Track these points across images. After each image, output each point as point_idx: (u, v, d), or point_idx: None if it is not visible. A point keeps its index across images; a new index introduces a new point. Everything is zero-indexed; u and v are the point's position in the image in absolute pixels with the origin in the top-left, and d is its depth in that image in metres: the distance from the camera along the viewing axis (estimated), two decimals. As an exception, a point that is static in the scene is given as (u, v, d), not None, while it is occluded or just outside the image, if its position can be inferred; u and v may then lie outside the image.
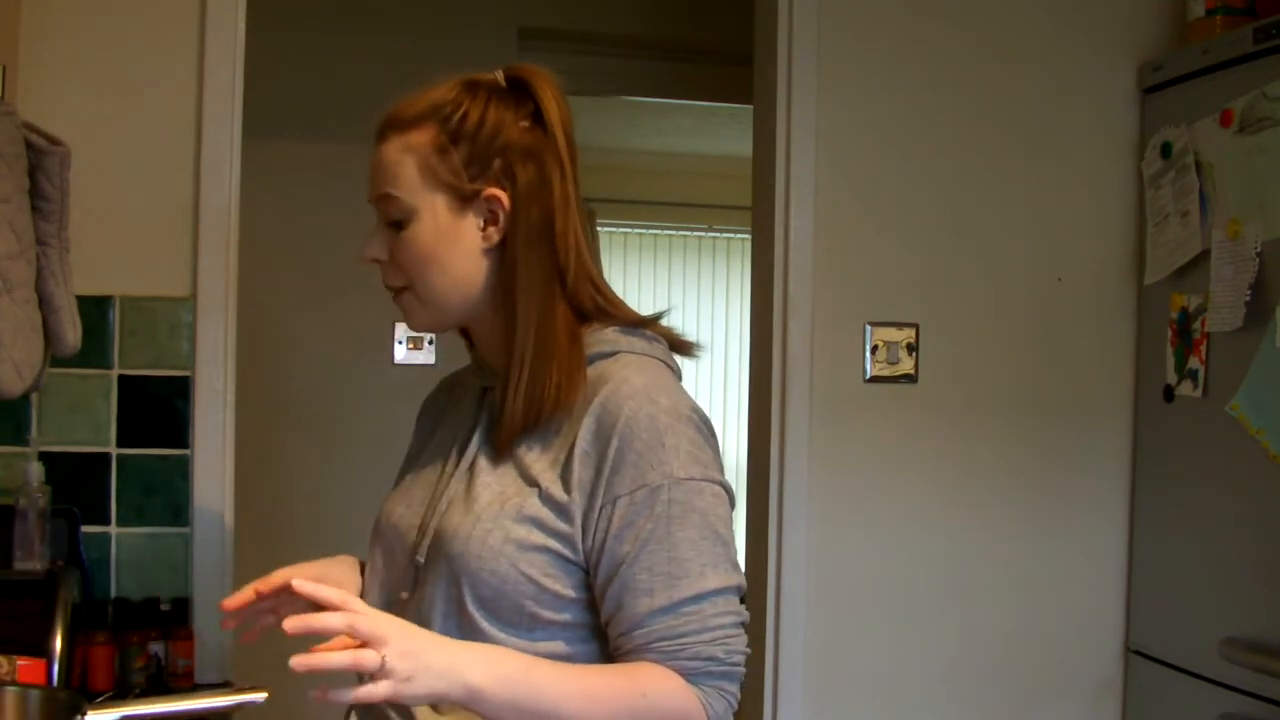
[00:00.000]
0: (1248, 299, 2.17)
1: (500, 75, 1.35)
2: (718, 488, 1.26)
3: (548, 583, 1.24)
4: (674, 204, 6.16)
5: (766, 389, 2.46)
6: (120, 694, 1.92)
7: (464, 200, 1.30)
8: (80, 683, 1.92)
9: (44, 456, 2.01)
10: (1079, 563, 2.56)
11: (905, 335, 2.49)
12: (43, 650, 1.73)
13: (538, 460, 1.27)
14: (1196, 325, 2.34)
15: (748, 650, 1.25)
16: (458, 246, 1.31)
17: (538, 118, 1.32)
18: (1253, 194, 2.20)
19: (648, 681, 1.20)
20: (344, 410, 3.38)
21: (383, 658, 1.09)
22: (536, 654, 1.24)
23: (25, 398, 1.98)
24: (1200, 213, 2.34)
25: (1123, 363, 2.58)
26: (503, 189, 1.29)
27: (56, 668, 1.73)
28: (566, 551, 1.25)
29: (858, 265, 2.48)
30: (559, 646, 1.26)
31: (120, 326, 2.12)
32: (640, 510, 1.22)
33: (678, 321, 1.41)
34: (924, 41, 2.51)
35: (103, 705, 1.27)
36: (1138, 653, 2.53)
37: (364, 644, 1.09)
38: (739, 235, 6.11)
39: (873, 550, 2.48)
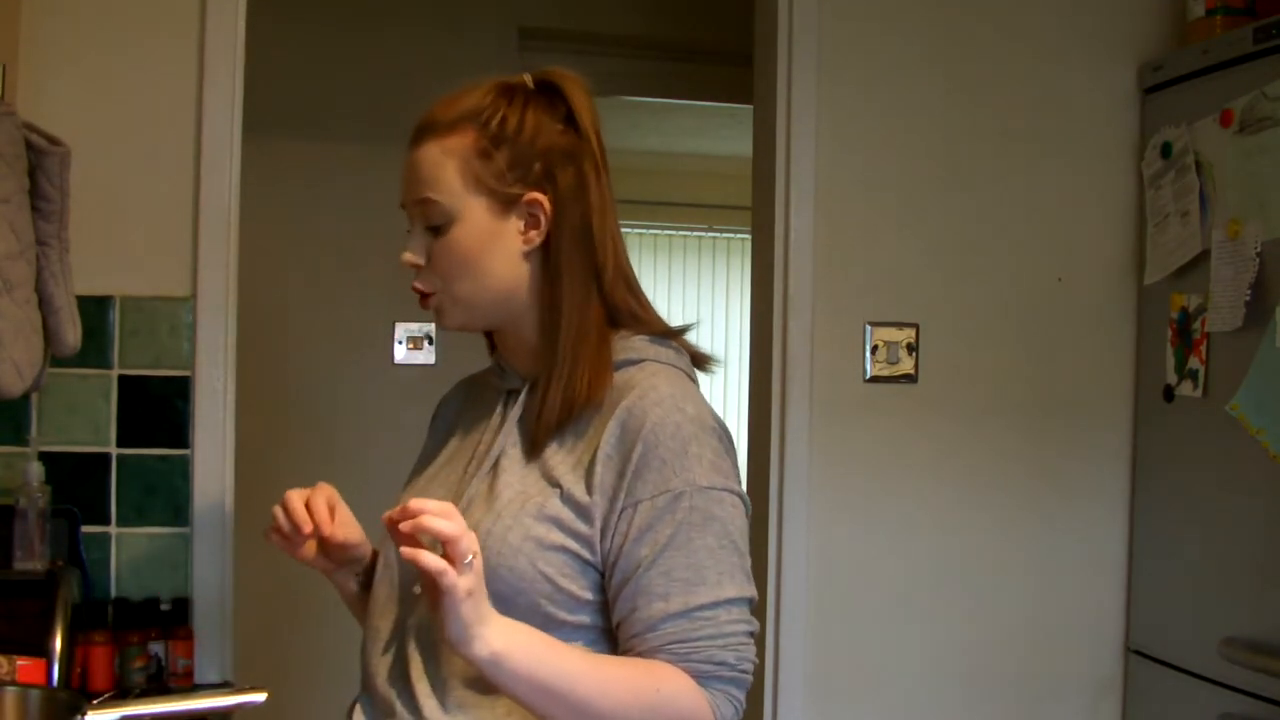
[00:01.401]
0: (1248, 299, 2.17)
1: (529, 79, 1.36)
2: (736, 498, 1.27)
3: (564, 583, 1.25)
4: (674, 204, 6.16)
5: (766, 389, 2.46)
6: (120, 694, 1.92)
7: (506, 204, 1.31)
8: (80, 683, 1.92)
9: (44, 456, 2.01)
10: (1079, 562, 2.56)
11: (905, 335, 2.49)
12: (43, 650, 1.73)
13: (561, 462, 1.28)
14: (1196, 325, 2.34)
15: (756, 661, 1.26)
16: (498, 250, 1.31)
17: (570, 120, 1.33)
18: (1253, 194, 2.20)
19: (662, 677, 1.21)
20: (344, 410, 3.38)
21: (473, 556, 1.12)
22: None
23: (25, 398, 1.98)
24: (1200, 213, 2.34)
25: (1123, 363, 2.58)
26: (544, 192, 1.31)
27: (56, 668, 1.73)
28: (585, 553, 1.26)
29: (858, 265, 2.48)
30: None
31: (120, 326, 2.12)
32: (661, 515, 1.23)
33: (678, 321, 1.42)
34: (924, 42, 2.51)
35: (103, 705, 1.27)
36: (1138, 653, 2.53)
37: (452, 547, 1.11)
38: (739, 235, 6.12)
39: (873, 550, 2.48)
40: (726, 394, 6.27)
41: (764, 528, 2.44)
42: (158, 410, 2.14)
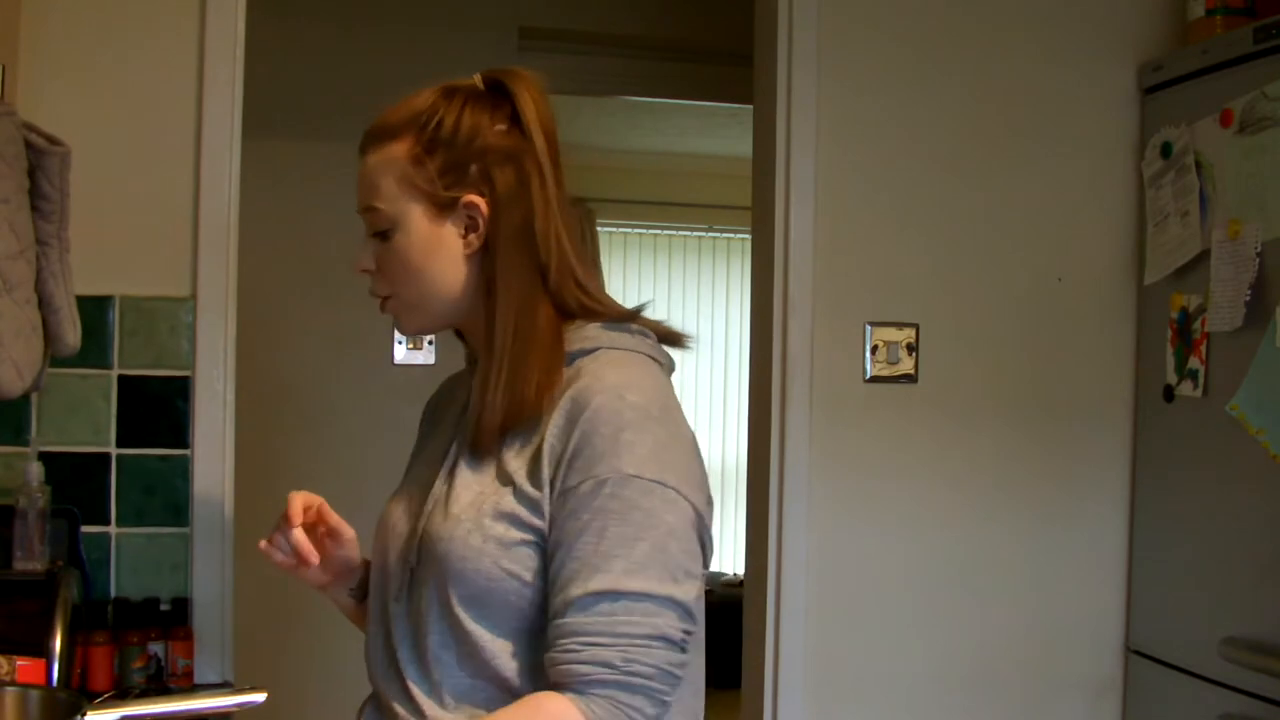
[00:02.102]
0: (1248, 299, 2.17)
1: (479, 79, 1.35)
2: (673, 494, 1.22)
3: (530, 577, 1.24)
4: (674, 204, 6.16)
5: (766, 389, 2.45)
6: (120, 694, 1.92)
7: (442, 208, 1.30)
8: (80, 683, 1.92)
9: (44, 456, 2.00)
10: (1079, 563, 2.56)
11: (905, 335, 2.49)
12: (43, 650, 1.73)
13: (514, 457, 1.27)
14: (1196, 325, 2.34)
15: (665, 667, 1.19)
16: (441, 254, 1.31)
17: (516, 120, 1.32)
18: (1253, 194, 2.20)
19: (514, 714, 1.20)
20: (344, 410, 3.38)
21: None
22: (518, 656, 1.24)
23: (25, 398, 1.98)
24: (1200, 213, 2.34)
25: (1123, 363, 2.58)
26: (480, 195, 1.30)
27: (56, 668, 1.73)
28: (544, 545, 1.25)
29: (858, 265, 2.48)
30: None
31: (120, 326, 2.12)
32: (584, 502, 1.21)
33: (678, 321, 1.41)
34: (924, 42, 2.51)
35: (103, 705, 1.27)
36: (1138, 653, 2.53)
37: None
38: (739, 235, 6.12)
39: (873, 550, 2.48)
40: (726, 394, 6.27)
41: (764, 528, 2.44)
42: (158, 410, 2.13)
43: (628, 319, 1.35)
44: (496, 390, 1.27)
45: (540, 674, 1.23)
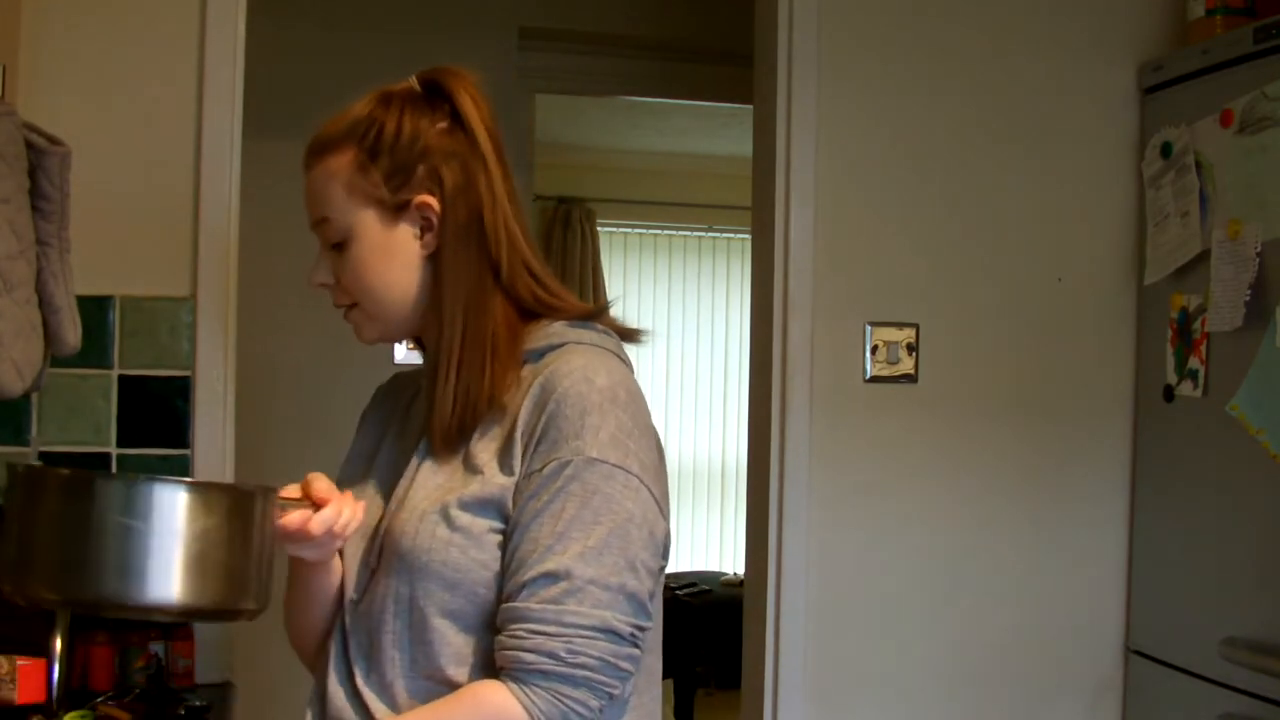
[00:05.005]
0: (1248, 299, 2.17)
1: (415, 81, 1.35)
2: (635, 480, 1.21)
3: (499, 567, 1.23)
4: (674, 204, 6.16)
5: (766, 389, 2.46)
6: (120, 694, 1.92)
7: (394, 212, 1.30)
8: (81, 683, 1.92)
9: (44, 456, 2.01)
10: (1079, 563, 2.56)
11: (905, 335, 2.49)
12: (43, 650, 1.73)
13: (484, 449, 1.26)
14: (1196, 325, 2.34)
15: (609, 659, 1.18)
16: (397, 259, 1.31)
17: (457, 119, 1.32)
18: (1253, 194, 2.20)
19: (454, 705, 1.20)
20: (344, 410, 3.35)
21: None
22: (478, 653, 1.23)
23: (25, 398, 1.97)
24: (1200, 213, 2.34)
25: (1123, 363, 2.58)
26: (432, 194, 1.29)
27: (56, 668, 1.73)
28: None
29: (858, 265, 2.48)
30: None
31: (120, 326, 2.12)
32: (545, 483, 1.20)
33: (678, 321, 1.41)
34: (924, 42, 2.51)
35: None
36: (1138, 653, 2.53)
37: None
38: (739, 235, 6.12)
39: (873, 550, 2.48)
40: (727, 394, 6.27)
41: (764, 528, 2.44)
42: (158, 410, 2.13)
43: (591, 317, 1.35)
44: (448, 391, 1.27)
45: (493, 673, 1.22)
